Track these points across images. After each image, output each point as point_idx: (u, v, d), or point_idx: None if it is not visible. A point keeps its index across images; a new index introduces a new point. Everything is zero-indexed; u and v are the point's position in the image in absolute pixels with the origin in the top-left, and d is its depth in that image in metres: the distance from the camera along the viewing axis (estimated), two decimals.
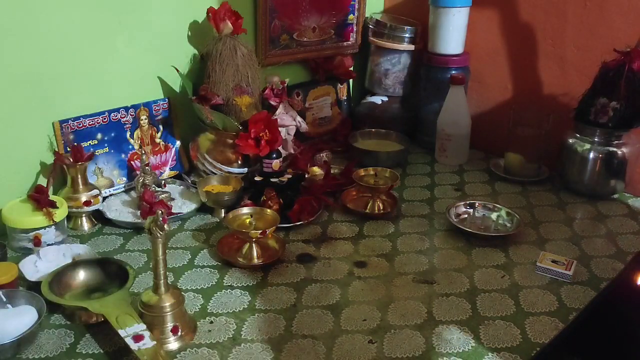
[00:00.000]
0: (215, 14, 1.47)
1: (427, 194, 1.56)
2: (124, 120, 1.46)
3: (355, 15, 1.88)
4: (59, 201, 1.26)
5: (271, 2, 1.65)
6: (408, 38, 1.84)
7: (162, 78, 1.53)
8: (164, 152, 1.54)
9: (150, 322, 0.96)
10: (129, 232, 1.33)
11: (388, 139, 1.81)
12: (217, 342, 0.98)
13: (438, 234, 1.35)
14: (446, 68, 1.77)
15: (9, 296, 1.02)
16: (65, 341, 0.98)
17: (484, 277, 1.18)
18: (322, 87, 1.87)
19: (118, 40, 1.41)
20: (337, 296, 1.11)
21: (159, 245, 0.95)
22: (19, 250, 1.23)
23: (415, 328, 1.02)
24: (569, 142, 1.55)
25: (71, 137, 1.37)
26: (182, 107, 1.56)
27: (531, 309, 1.08)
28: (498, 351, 0.97)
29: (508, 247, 1.29)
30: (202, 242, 1.30)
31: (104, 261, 1.14)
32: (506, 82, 1.78)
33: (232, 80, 1.49)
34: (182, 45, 1.53)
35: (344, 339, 0.99)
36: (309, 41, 1.80)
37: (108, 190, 1.43)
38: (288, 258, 1.24)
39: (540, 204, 1.51)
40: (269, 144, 1.43)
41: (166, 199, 1.39)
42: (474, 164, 1.75)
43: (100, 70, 1.40)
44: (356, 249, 1.29)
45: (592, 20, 1.57)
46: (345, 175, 1.55)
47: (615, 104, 1.45)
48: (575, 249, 1.29)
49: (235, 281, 1.16)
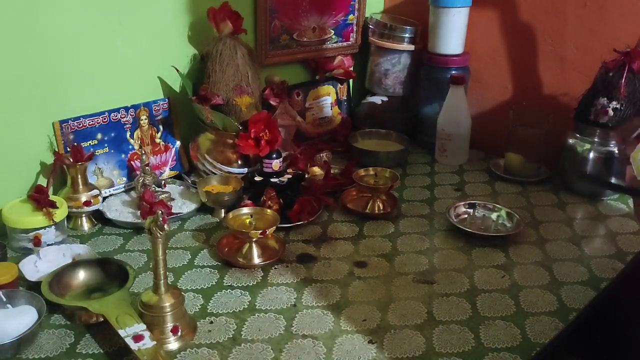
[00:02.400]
0: (215, 14, 1.47)
1: (427, 194, 1.56)
2: (124, 120, 1.46)
3: (355, 15, 1.88)
4: (59, 201, 1.26)
5: (271, 2, 1.65)
6: (408, 38, 1.84)
7: (162, 78, 1.53)
8: (164, 152, 1.54)
9: (150, 322, 0.96)
10: (129, 232, 1.33)
11: (388, 139, 1.81)
12: (217, 342, 0.98)
13: (438, 234, 1.35)
14: (446, 68, 1.77)
15: (9, 296, 1.02)
16: (65, 341, 0.98)
17: (484, 277, 1.18)
18: (322, 87, 1.87)
19: (118, 40, 1.41)
20: (337, 296, 1.11)
21: (159, 245, 0.95)
22: (19, 250, 1.23)
23: (415, 328, 1.02)
24: (569, 142, 1.55)
25: (71, 137, 1.37)
26: (182, 107, 1.56)
27: (531, 309, 1.08)
28: (498, 351, 0.97)
29: (508, 247, 1.29)
30: (202, 242, 1.30)
31: (104, 261, 1.14)
32: (506, 82, 1.78)
33: (232, 80, 1.49)
34: (182, 45, 1.53)
35: (344, 339, 0.99)
36: (309, 41, 1.80)
37: (108, 190, 1.43)
38: (288, 258, 1.24)
39: (540, 204, 1.51)
40: (269, 144, 1.43)
41: (166, 199, 1.39)
42: (474, 164, 1.75)
43: (100, 70, 1.40)
44: (356, 249, 1.29)
45: (592, 20, 1.57)
46: (345, 175, 1.55)
47: (615, 104, 1.45)
48: (575, 249, 1.29)
49: (235, 281, 1.16)
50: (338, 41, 1.87)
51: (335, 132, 1.88)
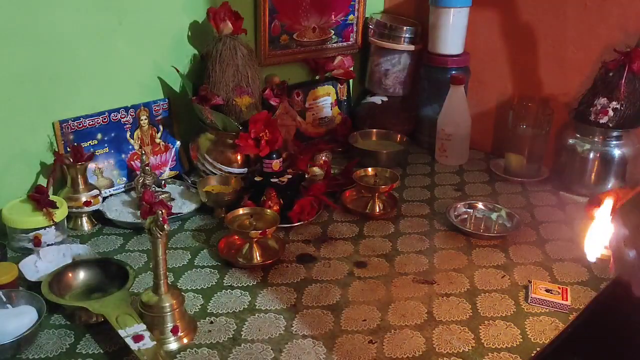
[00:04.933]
0: (215, 14, 1.47)
1: (427, 194, 1.56)
2: (124, 121, 1.46)
3: (355, 15, 1.88)
4: (59, 201, 1.26)
5: (271, 2, 1.65)
6: (408, 38, 1.84)
7: (162, 78, 1.53)
8: (164, 152, 1.54)
9: (150, 322, 0.96)
10: (129, 232, 1.33)
11: (388, 139, 1.81)
12: (217, 342, 0.98)
13: (438, 234, 1.35)
14: (446, 68, 1.77)
15: (9, 296, 1.02)
16: (65, 341, 0.98)
17: (484, 277, 1.18)
18: (322, 87, 1.87)
19: (118, 40, 1.41)
20: (337, 296, 1.11)
21: (159, 246, 0.95)
22: (19, 250, 1.22)
23: (415, 328, 1.02)
24: (569, 142, 1.55)
25: (71, 137, 1.37)
26: (182, 107, 1.56)
27: (531, 309, 1.08)
28: (498, 351, 0.97)
29: (508, 247, 1.29)
30: (202, 242, 1.30)
31: (104, 261, 1.14)
32: (506, 82, 1.78)
33: (232, 81, 1.49)
34: (182, 45, 1.53)
35: (344, 339, 0.99)
36: (309, 41, 1.80)
37: (108, 190, 1.43)
38: (288, 258, 1.24)
39: (540, 204, 1.51)
40: (269, 144, 1.43)
41: (166, 199, 1.39)
42: (474, 164, 1.75)
43: (100, 70, 1.40)
44: (356, 249, 1.29)
45: (592, 20, 1.57)
46: (345, 176, 1.55)
47: (615, 104, 1.45)
48: (575, 249, 1.29)
49: (235, 281, 1.16)
50: (338, 41, 1.87)
51: (335, 132, 1.88)
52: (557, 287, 1.12)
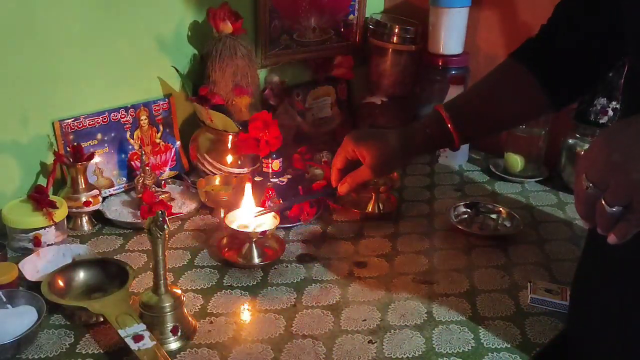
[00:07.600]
0: (215, 14, 1.47)
1: (427, 194, 1.56)
2: (124, 120, 1.46)
3: (355, 15, 1.88)
4: (59, 201, 1.26)
5: (271, 2, 1.64)
6: (408, 38, 1.84)
7: (162, 78, 1.53)
8: (164, 152, 1.54)
9: (150, 322, 0.96)
10: (129, 232, 1.33)
11: None
12: (217, 342, 0.98)
13: (438, 234, 1.35)
14: (446, 68, 1.77)
15: (9, 296, 1.01)
16: (65, 341, 0.98)
17: (484, 277, 1.18)
18: (322, 87, 1.87)
19: (118, 40, 1.41)
20: (337, 296, 1.11)
21: (159, 246, 0.94)
22: (19, 250, 1.22)
23: (415, 328, 1.02)
24: (569, 142, 1.55)
25: (71, 137, 1.37)
26: (182, 107, 1.56)
27: (531, 309, 1.08)
28: (498, 351, 0.97)
29: (508, 247, 1.29)
30: (202, 242, 1.30)
31: (104, 261, 1.14)
32: None
33: (232, 81, 1.49)
34: (182, 45, 1.53)
35: (344, 339, 0.99)
36: (309, 41, 1.80)
37: (108, 190, 1.43)
38: (288, 258, 1.24)
39: (540, 204, 1.51)
40: (269, 144, 1.43)
41: (166, 199, 1.39)
42: (474, 164, 1.75)
43: (100, 70, 1.40)
44: (356, 249, 1.29)
45: None
46: None
47: (615, 104, 1.45)
48: (575, 249, 1.29)
49: (235, 281, 1.16)
50: (338, 41, 1.87)
51: (335, 132, 1.88)
52: (557, 287, 1.12)
